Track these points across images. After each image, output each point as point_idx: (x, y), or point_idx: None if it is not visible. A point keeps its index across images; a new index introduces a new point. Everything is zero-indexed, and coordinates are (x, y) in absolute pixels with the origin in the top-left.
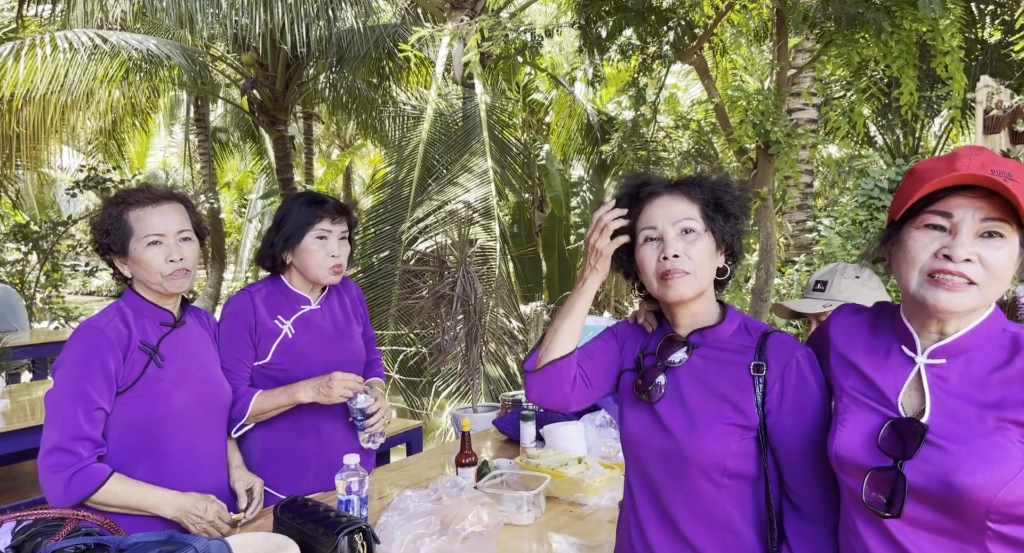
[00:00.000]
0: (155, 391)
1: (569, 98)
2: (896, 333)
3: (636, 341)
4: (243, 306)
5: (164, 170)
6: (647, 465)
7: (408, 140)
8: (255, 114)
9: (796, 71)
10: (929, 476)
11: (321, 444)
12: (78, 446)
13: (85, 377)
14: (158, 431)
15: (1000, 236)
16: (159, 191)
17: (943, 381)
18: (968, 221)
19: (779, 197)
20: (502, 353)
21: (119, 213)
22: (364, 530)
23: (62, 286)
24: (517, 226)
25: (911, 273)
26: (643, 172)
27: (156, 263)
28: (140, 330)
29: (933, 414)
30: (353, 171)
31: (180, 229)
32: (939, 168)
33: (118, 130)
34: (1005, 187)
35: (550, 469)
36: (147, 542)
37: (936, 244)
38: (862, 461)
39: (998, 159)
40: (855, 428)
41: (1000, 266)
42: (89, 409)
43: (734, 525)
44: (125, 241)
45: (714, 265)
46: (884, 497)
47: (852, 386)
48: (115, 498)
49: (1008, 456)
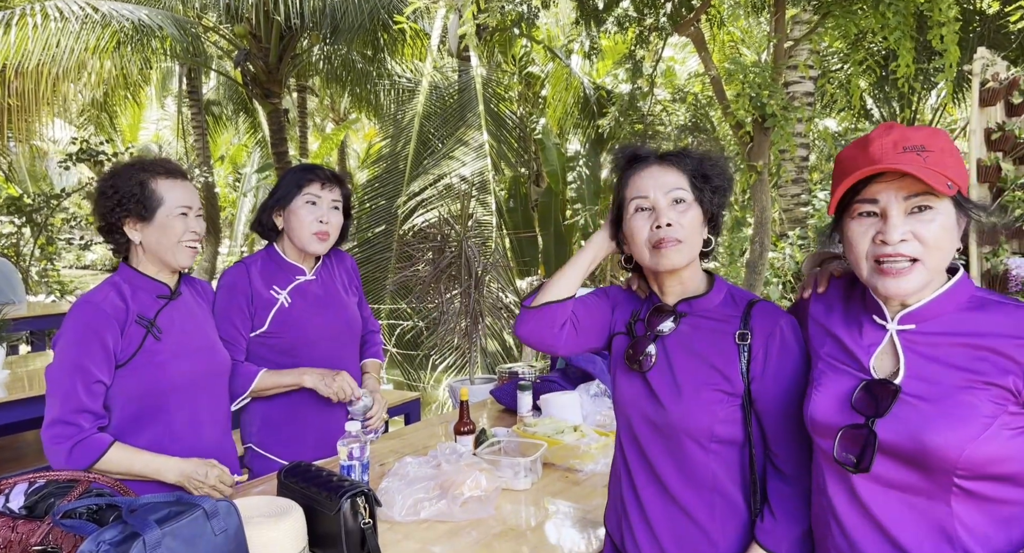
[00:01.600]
0: (154, 364)
1: (565, 71)
2: (866, 304)
3: (628, 306)
4: (238, 278)
5: (157, 143)
6: (638, 431)
7: (403, 113)
8: (249, 87)
9: (793, 43)
10: (900, 433)
11: (321, 412)
12: (79, 418)
13: (83, 352)
14: (159, 401)
15: (929, 208)
16: (179, 167)
17: (914, 345)
18: (894, 203)
19: (774, 171)
20: (498, 327)
21: (143, 180)
22: (366, 494)
23: (57, 259)
24: (513, 201)
25: (859, 261)
26: (632, 143)
27: (179, 231)
28: (137, 304)
29: (907, 375)
30: (348, 145)
31: (200, 206)
32: (856, 155)
33: (110, 102)
34: (913, 172)
35: (547, 437)
36: (157, 503)
37: (872, 230)
38: (834, 421)
39: (909, 133)
40: (829, 391)
41: (936, 236)
42: (88, 382)
43: (722, 488)
44: (153, 208)
45: (701, 236)
46: (854, 454)
47: (828, 352)
48: (117, 466)
49: (977, 414)
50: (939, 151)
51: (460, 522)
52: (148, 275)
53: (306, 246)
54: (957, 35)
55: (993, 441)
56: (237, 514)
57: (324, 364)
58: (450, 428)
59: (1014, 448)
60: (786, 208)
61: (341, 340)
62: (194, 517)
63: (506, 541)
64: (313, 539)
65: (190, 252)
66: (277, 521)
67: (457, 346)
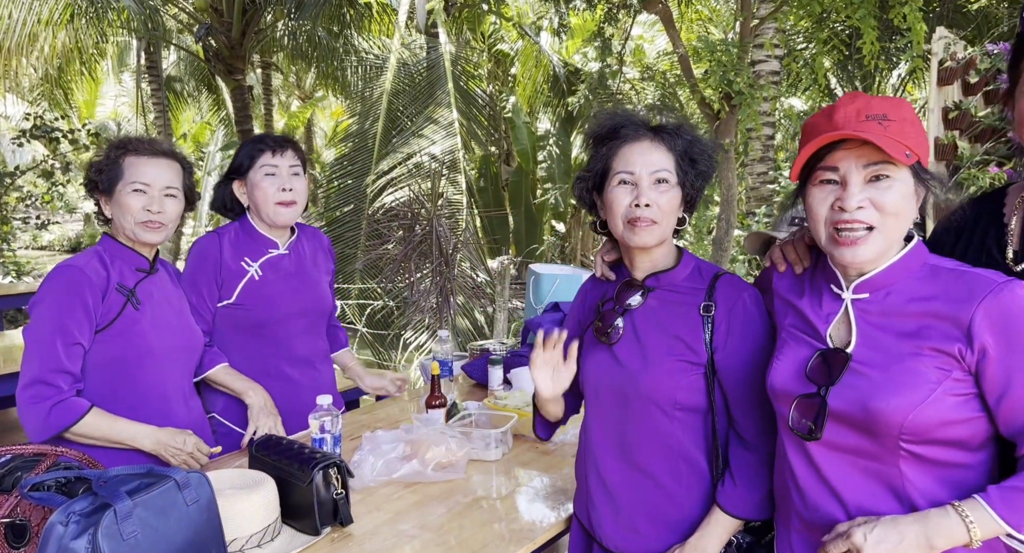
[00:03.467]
0: (133, 332)
1: (535, 49)
2: (825, 274)
3: (596, 292)
4: (209, 246)
5: (115, 120)
6: (605, 402)
7: (371, 91)
8: (211, 62)
9: (759, 22)
10: (849, 401)
11: (285, 388)
12: (58, 379)
13: (65, 313)
14: (133, 372)
15: (887, 177)
16: (162, 146)
17: (867, 314)
18: (853, 171)
19: (741, 150)
20: (469, 306)
21: (117, 156)
22: (339, 465)
23: (12, 240)
24: (483, 180)
25: (818, 228)
26: (622, 111)
27: (134, 209)
28: (118, 272)
29: (858, 344)
30: (315, 123)
31: (168, 185)
32: (820, 123)
33: (64, 77)
34: (872, 139)
35: (517, 409)
36: (128, 474)
37: (831, 197)
38: (791, 389)
39: (873, 101)
40: (788, 360)
41: (893, 204)
42: (68, 342)
43: (687, 454)
44: (113, 183)
45: (677, 216)
46: (809, 422)
47: (790, 322)
48: (94, 430)
49: (922, 381)
50: (900, 121)
51: (431, 493)
52: (127, 246)
53: (274, 218)
54: (921, 12)
55: (937, 406)
56: (209, 485)
57: (290, 341)
58: (421, 403)
59: (958, 413)
60: (752, 186)
61: (309, 318)
62: (166, 488)
63: (477, 510)
64: (286, 510)
65: (151, 231)
66: (249, 493)
67: (428, 325)
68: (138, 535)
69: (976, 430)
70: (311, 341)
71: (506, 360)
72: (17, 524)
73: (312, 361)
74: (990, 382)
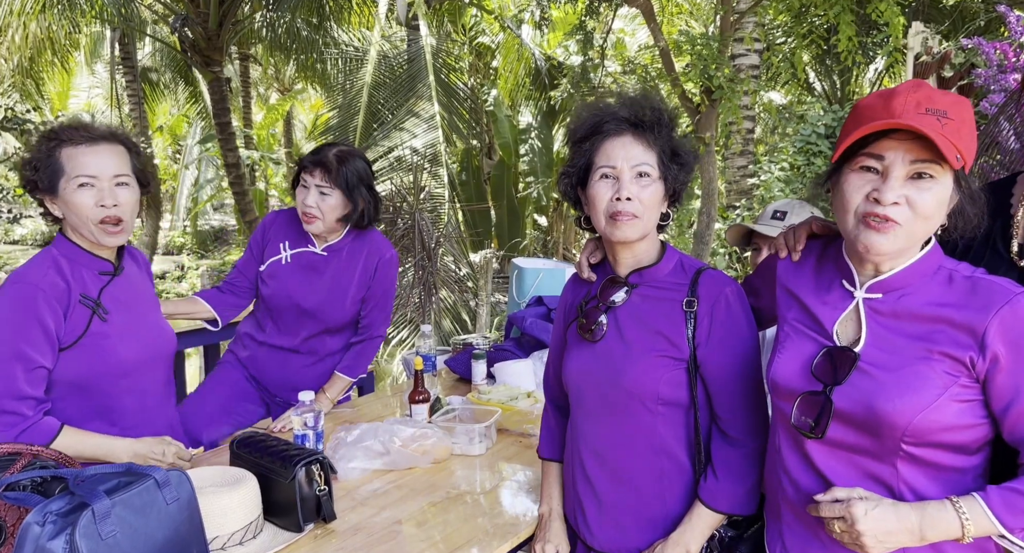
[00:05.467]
0: (102, 347)
1: (516, 42)
2: (838, 269)
3: (579, 292)
4: (267, 219)
5: (89, 112)
6: (588, 400)
7: (352, 84)
8: (187, 54)
9: (739, 16)
10: (854, 401)
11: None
12: (21, 406)
13: (20, 336)
14: (106, 386)
15: (930, 177)
16: (98, 130)
17: (878, 314)
18: (898, 164)
19: (721, 143)
20: (452, 300)
21: (51, 149)
22: (321, 461)
23: None
24: (465, 173)
25: (847, 215)
26: (603, 104)
27: (85, 207)
28: (79, 282)
29: (867, 344)
30: (294, 116)
31: (116, 173)
32: (876, 106)
33: (35, 67)
34: (929, 134)
35: (501, 403)
36: (106, 473)
37: (868, 186)
38: (795, 386)
39: (936, 95)
40: (792, 355)
41: (927, 207)
42: (29, 368)
43: (669, 450)
44: (55, 180)
45: (660, 210)
46: (811, 419)
47: (794, 316)
48: (68, 450)
49: (929, 385)
50: (959, 121)
51: (415, 488)
52: (86, 249)
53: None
54: (898, 7)
55: (942, 411)
56: (189, 483)
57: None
58: (404, 399)
59: (961, 419)
60: (733, 180)
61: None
62: (145, 487)
63: (461, 505)
64: (268, 507)
65: (112, 233)
66: (231, 490)
67: (411, 319)
68: (117, 534)
69: (977, 436)
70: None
71: (489, 354)
72: None
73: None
74: (999, 390)
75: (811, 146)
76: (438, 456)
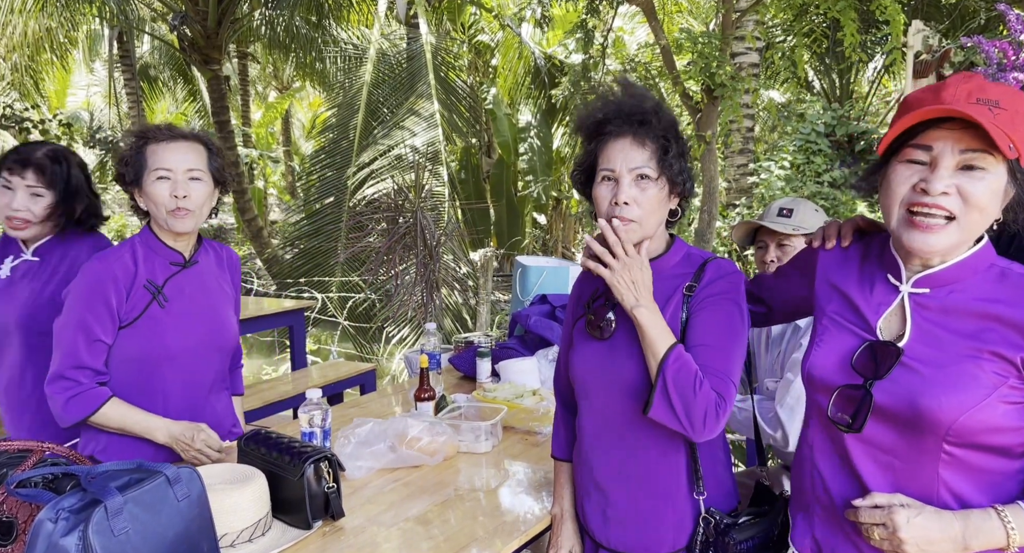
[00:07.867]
0: (154, 331)
1: (516, 40)
2: (883, 263)
3: (588, 287)
4: None
5: (88, 110)
6: (595, 396)
7: (351, 82)
8: (186, 52)
9: (740, 14)
10: (897, 396)
11: None
12: (78, 375)
13: (88, 309)
14: (151, 367)
15: (981, 168)
16: (182, 130)
17: (925, 309)
18: (947, 154)
19: (722, 142)
20: (452, 299)
21: (139, 146)
22: (329, 458)
23: None
24: (465, 172)
25: (892, 207)
26: (601, 104)
27: (160, 197)
28: (148, 268)
29: (911, 339)
30: (292, 115)
31: (191, 167)
32: (926, 98)
33: (34, 65)
34: (981, 122)
35: (506, 401)
36: (117, 470)
37: (915, 177)
38: (833, 380)
39: (987, 86)
40: (831, 348)
41: (980, 198)
42: (90, 340)
43: (678, 446)
44: (140, 173)
45: (665, 210)
46: (848, 414)
47: (834, 310)
48: (111, 421)
49: (977, 384)
50: (1013, 112)
51: (423, 486)
52: (164, 241)
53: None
54: (899, 5)
55: (988, 411)
56: (200, 480)
57: None
58: (408, 396)
59: (1008, 421)
60: (733, 178)
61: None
62: (156, 484)
63: (468, 503)
64: (277, 504)
65: (181, 219)
66: (240, 487)
67: (412, 318)
68: (129, 531)
69: (1022, 439)
70: None
71: (494, 352)
72: (3, 521)
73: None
74: None
75: (811, 144)
76: (447, 454)
